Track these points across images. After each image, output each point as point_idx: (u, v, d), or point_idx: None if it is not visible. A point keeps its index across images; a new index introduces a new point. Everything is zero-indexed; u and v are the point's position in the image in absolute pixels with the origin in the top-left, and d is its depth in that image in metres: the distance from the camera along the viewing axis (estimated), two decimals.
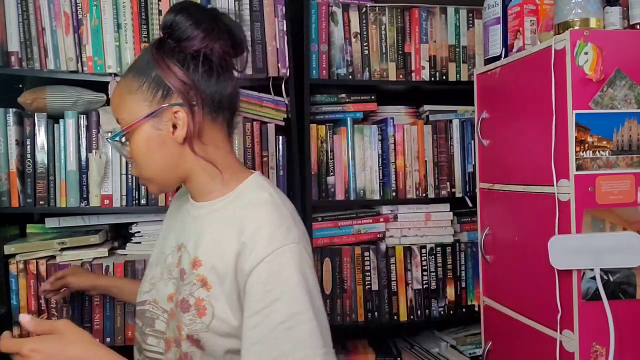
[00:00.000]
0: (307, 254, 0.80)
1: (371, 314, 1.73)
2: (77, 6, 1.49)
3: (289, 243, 0.77)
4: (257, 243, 0.77)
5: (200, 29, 0.81)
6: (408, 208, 1.79)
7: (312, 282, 0.78)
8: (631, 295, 1.13)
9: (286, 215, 0.81)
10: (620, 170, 1.13)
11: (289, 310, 0.74)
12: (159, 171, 0.85)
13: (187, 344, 0.80)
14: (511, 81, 1.37)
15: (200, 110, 0.82)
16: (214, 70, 0.83)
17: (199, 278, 0.82)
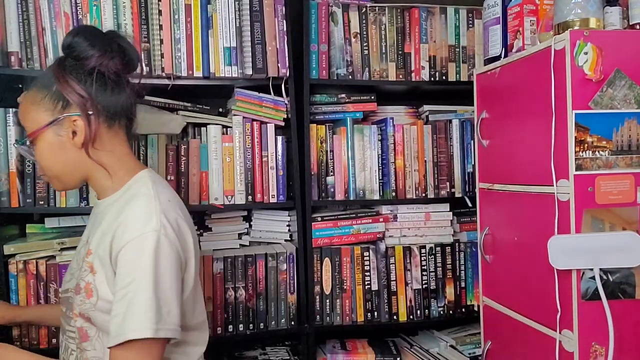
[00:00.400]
0: (169, 243, 0.89)
1: (371, 314, 1.73)
2: (77, 6, 1.49)
3: (149, 231, 0.88)
4: (125, 230, 0.89)
5: (95, 49, 0.96)
6: (408, 208, 1.79)
7: (166, 267, 0.88)
8: (630, 295, 1.13)
9: (155, 206, 0.92)
10: (620, 170, 1.13)
11: (133, 287, 0.86)
12: (60, 172, 0.98)
13: (80, 320, 0.95)
14: (511, 81, 1.37)
15: (96, 119, 0.96)
16: (109, 84, 0.97)
17: (88, 265, 0.95)
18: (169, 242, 0.89)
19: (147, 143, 1.58)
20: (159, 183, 1.00)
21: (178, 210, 0.97)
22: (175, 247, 0.91)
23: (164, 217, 0.91)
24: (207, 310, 1.58)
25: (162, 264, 0.88)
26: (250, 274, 1.64)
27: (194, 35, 1.57)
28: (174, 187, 1.59)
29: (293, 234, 1.74)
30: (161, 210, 0.92)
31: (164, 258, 0.89)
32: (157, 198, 0.94)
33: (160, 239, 0.88)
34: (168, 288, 0.89)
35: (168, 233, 0.90)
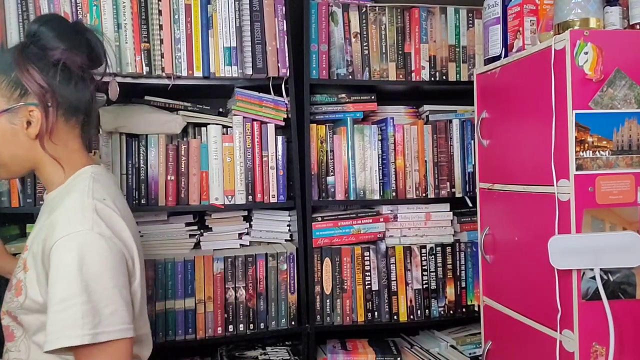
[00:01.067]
0: (105, 240, 0.84)
1: (371, 314, 1.73)
2: (77, 6, 1.49)
3: (78, 230, 0.83)
4: (55, 228, 0.85)
5: (63, 41, 0.92)
6: (408, 208, 1.79)
7: (102, 266, 0.83)
8: (631, 295, 1.13)
9: (87, 203, 0.87)
10: (620, 170, 1.13)
11: (62, 293, 0.81)
12: (8, 159, 0.94)
13: (7, 319, 0.92)
14: (511, 81, 1.37)
15: (54, 112, 0.92)
16: (72, 78, 0.93)
17: (23, 262, 0.92)
18: (103, 239, 0.84)
19: (147, 143, 1.58)
20: (100, 180, 0.95)
21: (114, 208, 0.91)
22: (113, 243, 0.86)
23: (96, 214, 0.86)
24: (208, 310, 1.59)
25: (97, 262, 0.83)
26: (251, 274, 1.64)
27: (194, 35, 1.57)
28: (174, 187, 1.59)
29: (293, 234, 1.74)
30: (94, 207, 0.87)
31: (98, 256, 0.83)
32: (90, 195, 0.89)
33: (92, 237, 0.84)
34: (109, 287, 0.83)
35: (102, 230, 0.85)
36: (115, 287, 0.84)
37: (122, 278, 0.87)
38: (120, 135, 1.56)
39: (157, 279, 1.57)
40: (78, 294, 0.80)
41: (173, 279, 1.58)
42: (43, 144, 0.92)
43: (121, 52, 1.51)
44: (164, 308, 1.57)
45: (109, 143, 1.54)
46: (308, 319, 1.69)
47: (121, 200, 0.98)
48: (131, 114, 1.55)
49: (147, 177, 1.57)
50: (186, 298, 1.59)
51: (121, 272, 0.87)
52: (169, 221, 1.66)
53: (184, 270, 1.59)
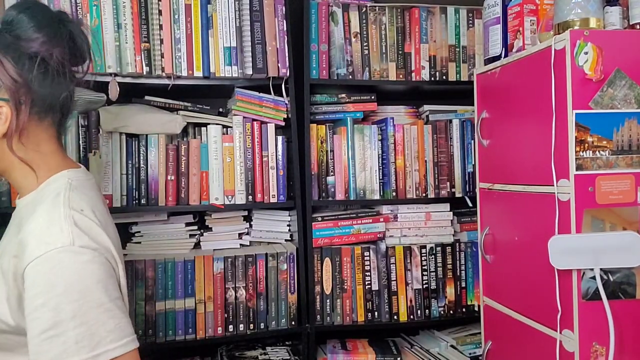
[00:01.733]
0: (88, 255, 0.76)
1: (371, 314, 1.73)
2: (77, 6, 1.49)
3: (57, 246, 0.74)
4: (28, 244, 0.76)
5: (42, 32, 0.82)
6: (408, 208, 1.79)
7: (87, 284, 0.75)
8: (631, 295, 1.13)
9: (64, 215, 0.78)
10: (620, 170, 1.13)
11: (53, 318, 0.72)
12: None
13: None
14: (511, 81, 1.37)
15: (27, 109, 0.82)
16: (50, 73, 0.84)
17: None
18: (89, 252, 0.76)
19: (147, 143, 1.58)
20: (77, 187, 0.86)
21: (94, 219, 0.82)
22: (99, 254, 0.78)
23: (75, 227, 0.77)
24: (208, 310, 1.59)
25: (85, 279, 0.75)
26: (251, 273, 1.64)
27: (194, 35, 1.57)
28: (174, 187, 1.59)
29: (293, 234, 1.74)
30: (71, 219, 0.78)
31: (86, 271, 0.75)
32: (67, 206, 0.80)
33: (75, 252, 0.75)
34: (104, 301, 0.76)
35: (86, 243, 0.77)
36: (111, 300, 0.77)
37: (116, 290, 0.79)
38: (120, 135, 1.56)
39: (157, 279, 1.57)
40: (70, 317, 0.72)
41: (173, 279, 1.58)
42: (11, 145, 0.82)
43: (121, 52, 1.51)
44: (164, 308, 1.57)
45: (109, 143, 1.54)
46: (308, 319, 1.69)
47: (101, 209, 0.88)
48: (131, 114, 1.55)
49: (147, 177, 1.57)
50: (186, 298, 1.59)
51: (114, 284, 0.79)
52: (169, 221, 1.66)
53: (184, 270, 1.59)
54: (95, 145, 1.53)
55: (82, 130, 1.53)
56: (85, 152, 1.52)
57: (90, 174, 0.95)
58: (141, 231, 1.63)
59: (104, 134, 1.54)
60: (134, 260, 1.55)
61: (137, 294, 1.55)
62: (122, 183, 1.55)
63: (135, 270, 1.55)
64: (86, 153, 1.52)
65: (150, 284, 1.56)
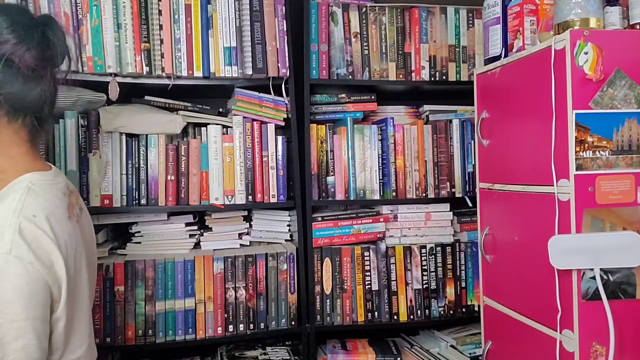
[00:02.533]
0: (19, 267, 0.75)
1: (371, 314, 1.73)
2: (77, 6, 1.49)
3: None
4: None
5: (13, 35, 0.81)
6: (408, 208, 1.79)
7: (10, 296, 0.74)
8: (631, 295, 1.13)
9: (10, 222, 0.77)
10: (620, 170, 1.13)
11: None
12: None
13: None
14: (511, 81, 1.37)
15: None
16: (20, 75, 0.83)
17: None
18: (21, 264, 0.75)
19: (147, 143, 1.58)
20: (36, 191, 0.84)
21: (45, 228, 0.80)
22: (33, 269, 0.76)
23: (18, 235, 0.76)
24: (208, 310, 1.59)
25: (7, 290, 0.74)
26: (251, 273, 1.64)
27: (194, 35, 1.57)
28: (174, 187, 1.59)
29: (293, 234, 1.74)
30: (16, 227, 0.77)
31: (11, 282, 0.74)
32: (17, 212, 0.79)
33: (7, 260, 0.74)
34: (20, 318, 0.74)
35: (22, 255, 0.75)
36: (28, 318, 0.75)
37: (38, 309, 0.77)
38: (120, 135, 1.56)
39: (157, 279, 1.57)
40: None
41: (173, 279, 1.58)
42: None
43: (121, 52, 1.51)
44: (164, 308, 1.57)
45: (109, 143, 1.54)
46: (308, 319, 1.69)
47: (60, 216, 0.85)
48: (131, 114, 1.55)
49: (147, 177, 1.57)
50: (186, 298, 1.59)
51: (38, 303, 0.77)
52: (169, 221, 1.66)
53: (184, 270, 1.59)
54: (95, 145, 1.53)
55: (82, 130, 1.53)
56: (85, 152, 1.52)
57: (62, 178, 0.93)
58: (141, 231, 1.63)
59: (104, 134, 1.54)
60: (134, 260, 1.55)
61: (137, 294, 1.55)
62: (122, 183, 1.55)
63: (135, 270, 1.55)
64: (86, 153, 1.52)
65: (150, 284, 1.56)
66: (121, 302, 1.53)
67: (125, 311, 1.53)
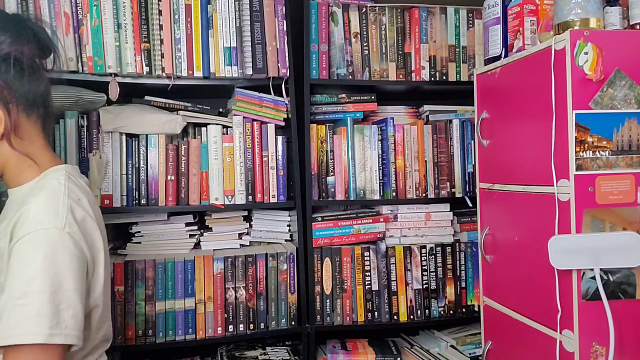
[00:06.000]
0: (74, 242, 0.83)
1: (371, 314, 1.73)
2: (77, 6, 1.49)
3: (49, 227, 0.81)
4: (24, 222, 0.82)
5: (7, 34, 0.87)
6: (408, 208, 1.79)
7: (67, 267, 0.81)
8: (631, 295, 1.13)
9: (62, 202, 0.85)
10: (620, 170, 1.13)
11: (24, 288, 0.78)
12: None
13: None
14: (511, 81, 1.37)
15: (15, 108, 0.88)
16: (25, 70, 0.89)
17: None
18: (73, 241, 0.83)
19: (147, 143, 1.58)
20: (74, 180, 0.93)
21: (89, 209, 0.90)
22: (80, 246, 0.84)
23: (70, 214, 0.84)
24: (208, 310, 1.59)
25: (63, 263, 0.81)
26: (251, 274, 1.64)
27: (194, 35, 1.57)
28: (174, 187, 1.59)
29: (293, 234, 1.74)
30: (68, 206, 0.85)
31: (66, 256, 0.81)
32: (66, 194, 0.87)
33: (62, 237, 0.82)
34: (70, 289, 0.81)
35: (73, 231, 0.83)
36: (77, 290, 0.82)
37: (83, 284, 0.85)
38: (120, 135, 1.56)
39: (157, 279, 1.57)
40: (40, 290, 0.78)
41: (173, 279, 1.58)
42: (11, 143, 0.88)
43: (121, 52, 1.51)
44: (164, 308, 1.57)
45: (109, 143, 1.54)
46: (308, 319, 1.69)
47: (94, 203, 0.95)
48: (131, 114, 1.55)
49: (147, 177, 1.57)
50: (186, 298, 1.59)
51: (83, 278, 0.85)
52: (169, 221, 1.66)
53: (184, 270, 1.59)
54: (95, 145, 1.53)
55: (82, 130, 1.53)
56: (85, 152, 1.52)
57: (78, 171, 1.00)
58: (141, 231, 1.63)
59: (104, 134, 1.54)
60: (134, 260, 1.55)
61: (137, 294, 1.55)
62: (122, 183, 1.55)
63: (135, 270, 1.55)
64: (86, 153, 1.52)
65: (150, 284, 1.56)
66: (121, 302, 1.53)
67: (125, 311, 1.53)
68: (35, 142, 0.93)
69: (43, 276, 0.79)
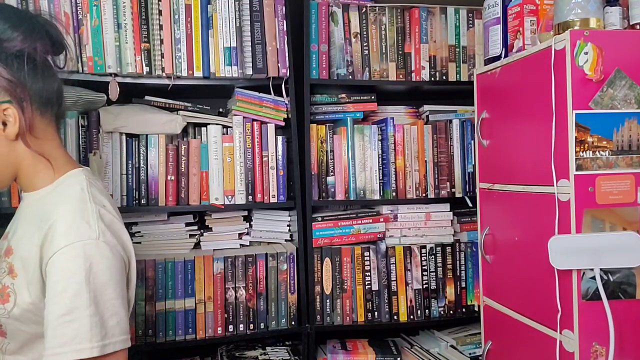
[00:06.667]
0: (110, 248, 0.82)
1: (371, 314, 1.73)
2: (77, 6, 1.49)
3: (84, 239, 0.80)
4: (56, 235, 0.80)
5: (19, 30, 0.85)
6: (408, 208, 1.79)
7: (108, 275, 0.81)
8: (631, 295, 1.13)
9: (91, 210, 0.84)
10: (620, 170, 1.13)
11: (71, 304, 0.78)
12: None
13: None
14: (511, 81, 1.37)
15: (29, 106, 0.85)
16: (39, 67, 0.87)
17: (8, 265, 0.86)
18: (109, 248, 0.82)
19: (147, 143, 1.58)
20: (94, 184, 0.91)
21: (113, 212, 0.89)
22: (116, 251, 0.84)
23: (101, 222, 0.83)
24: (208, 310, 1.59)
25: (103, 273, 0.81)
26: (251, 274, 1.64)
27: (194, 35, 1.57)
28: (174, 186, 1.59)
29: (293, 234, 1.74)
30: (98, 214, 0.84)
31: (105, 265, 0.81)
32: (92, 201, 0.85)
33: (99, 246, 0.81)
34: (114, 297, 0.82)
35: (107, 239, 0.83)
36: (119, 297, 0.83)
37: (124, 288, 0.86)
38: (120, 135, 1.56)
39: (157, 279, 1.57)
40: (87, 305, 0.78)
41: (173, 279, 1.58)
42: (27, 142, 0.85)
43: (121, 52, 1.51)
44: (164, 308, 1.57)
45: (109, 143, 1.54)
46: (308, 319, 1.69)
47: (114, 204, 0.94)
48: (131, 114, 1.55)
49: (147, 177, 1.57)
50: (186, 298, 1.59)
51: (123, 282, 0.86)
52: (169, 221, 1.66)
53: (184, 270, 1.59)
54: (95, 145, 1.53)
55: (82, 130, 1.53)
56: (85, 152, 1.52)
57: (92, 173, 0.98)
58: (141, 231, 1.63)
59: (104, 134, 1.54)
60: None
61: (137, 294, 1.55)
62: (122, 183, 1.55)
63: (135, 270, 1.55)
64: (86, 153, 1.52)
65: (150, 284, 1.56)
66: None
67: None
68: (51, 141, 0.90)
69: (87, 289, 0.79)
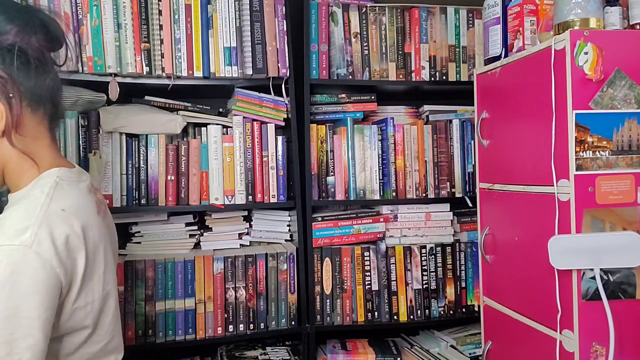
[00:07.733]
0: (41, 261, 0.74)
1: (371, 314, 1.73)
2: (77, 6, 1.49)
3: (15, 244, 0.73)
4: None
5: (14, 23, 0.81)
6: (408, 208, 1.79)
7: (25, 290, 0.73)
8: (631, 295, 1.13)
9: (37, 216, 0.77)
10: (620, 170, 1.13)
11: None
12: None
13: None
14: (511, 81, 1.37)
15: (18, 102, 0.81)
16: (31, 63, 0.83)
17: None
18: (40, 261, 0.74)
19: (147, 143, 1.58)
20: (64, 187, 0.84)
21: (72, 223, 0.80)
22: (51, 267, 0.75)
23: (43, 230, 0.75)
24: (208, 310, 1.59)
25: (26, 285, 0.72)
26: (251, 274, 1.64)
27: (194, 35, 1.57)
28: (174, 186, 1.59)
29: (293, 234, 1.74)
30: (43, 221, 0.76)
31: (29, 277, 0.73)
32: (45, 205, 0.79)
33: (26, 255, 0.73)
34: (33, 316, 0.73)
35: (42, 250, 0.74)
36: (40, 318, 0.74)
37: (49, 311, 0.76)
38: (120, 135, 1.56)
39: (157, 279, 1.57)
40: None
41: (173, 279, 1.58)
42: (11, 140, 0.81)
43: (121, 52, 1.51)
44: (164, 308, 1.57)
45: (109, 143, 1.54)
46: (308, 319, 1.69)
47: (88, 210, 0.87)
48: (131, 114, 1.55)
49: (147, 177, 1.57)
50: (186, 298, 1.59)
51: (50, 304, 0.76)
52: (169, 221, 1.66)
53: (184, 270, 1.59)
54: (95, 145, 1.53)
55: (82, 130, 1.53)
56: (85, 152, 1.52)
57: (86, 176, 0.93)
58: (141, 231, 1.63)
59: (104, 134, 1.54)
60: (134, 260, 1.55)
61: (137, 294, 1.55)
62: (122, 183, 1.55)
63: (135, 270, 1.55)
64: (86, 153, 1.52)
65: (150, 284, 1.56)
66: (121, 302, 1.53)
67: (126, 311, 1.53)
68: (40, 141, 0.86)
69: (1, 298, 0.71)
